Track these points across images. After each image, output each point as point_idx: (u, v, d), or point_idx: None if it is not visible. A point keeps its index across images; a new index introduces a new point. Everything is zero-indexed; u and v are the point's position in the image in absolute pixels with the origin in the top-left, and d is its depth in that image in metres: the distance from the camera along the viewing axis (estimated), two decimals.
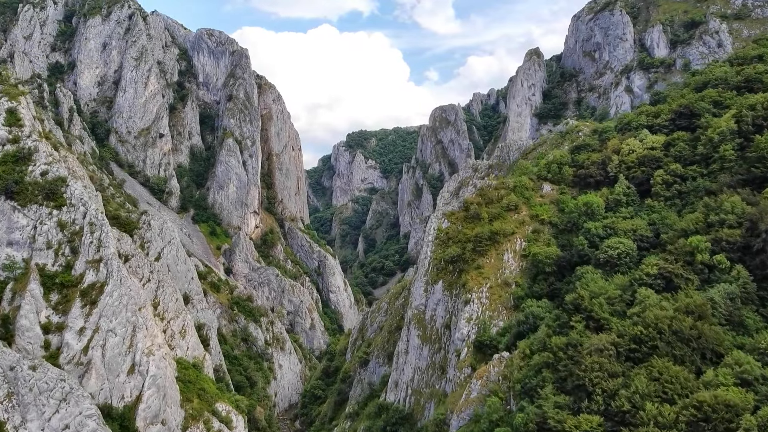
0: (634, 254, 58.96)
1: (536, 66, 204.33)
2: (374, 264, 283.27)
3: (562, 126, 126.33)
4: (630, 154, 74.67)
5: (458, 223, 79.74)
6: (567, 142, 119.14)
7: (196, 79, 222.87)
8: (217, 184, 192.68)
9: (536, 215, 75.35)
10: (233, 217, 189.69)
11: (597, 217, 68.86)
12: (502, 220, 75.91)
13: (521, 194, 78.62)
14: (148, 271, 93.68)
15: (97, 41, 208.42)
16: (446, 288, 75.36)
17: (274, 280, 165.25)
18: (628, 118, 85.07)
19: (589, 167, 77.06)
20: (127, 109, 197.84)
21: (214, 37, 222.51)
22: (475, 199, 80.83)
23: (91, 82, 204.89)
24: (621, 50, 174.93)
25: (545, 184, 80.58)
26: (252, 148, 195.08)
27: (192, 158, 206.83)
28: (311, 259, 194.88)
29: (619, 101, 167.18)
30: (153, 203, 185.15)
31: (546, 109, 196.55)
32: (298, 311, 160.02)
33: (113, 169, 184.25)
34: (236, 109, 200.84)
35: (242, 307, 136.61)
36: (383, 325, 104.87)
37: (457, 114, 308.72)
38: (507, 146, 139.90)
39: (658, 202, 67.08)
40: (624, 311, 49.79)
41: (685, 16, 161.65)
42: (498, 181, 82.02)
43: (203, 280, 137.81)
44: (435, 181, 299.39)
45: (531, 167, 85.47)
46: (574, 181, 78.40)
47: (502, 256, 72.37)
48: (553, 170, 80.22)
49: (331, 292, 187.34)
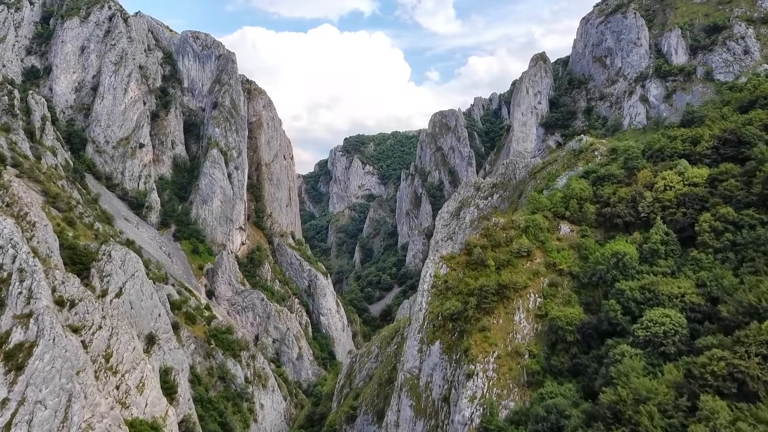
0: (685, 332, 46.14)
1: (542, 72, 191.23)
2: (370, 277, 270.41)
3: (575, 143, 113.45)
4: (666, 191, 61.82)
5: (459, 270, 66.91)
6: (581, 162, 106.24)
7: (181, 85, 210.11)
8: (201, 198, 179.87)
9: (553, 263, 62.48)
10: (217, 234, 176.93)
11: (629, 271, 56.03)
12: (511, 269, 63.03)
13: (534, 236, 65.74)
14: (99, 317, 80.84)
15: (74, 44, 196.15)
16: (445, 351, 62.50)
17: (259, 304, 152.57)
18: (659, 144, 72.10)
19: (617, 205, 64.13)
20: (105, 117, 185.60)
21: (200, 40, 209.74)
22: (479, 240, 67.95)
23: (68, 88, 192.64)
24: (635, 56, 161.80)
25: (563, 223, 67.64)
26: (238, 159, 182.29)
27: (175, 169, 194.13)
28: (301, 279, 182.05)
29: (634, 111, 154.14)
30: (131, 219, 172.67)
31: (553, 119, 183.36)
32: (285, 339, 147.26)
33: (89, 182, 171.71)
34: (222, 117, 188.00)
35: (220, 340, 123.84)
36: (373, 374, 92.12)
37: (458, 119, 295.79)
38: (512, 163, 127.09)
39: (706, 255, 54.25)
40: (684, 426, 36.98)
41: (706, 19, 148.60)
42: (506, 218, 69.06)
43: (177, 311, 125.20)
44: (434, 189, 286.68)
45: (544, 200, 72.48)
46: (599, 220, 65.46)
47: (513, 316, 59.50)
48: (572, 207, 67.28)
49: (322, 315, 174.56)
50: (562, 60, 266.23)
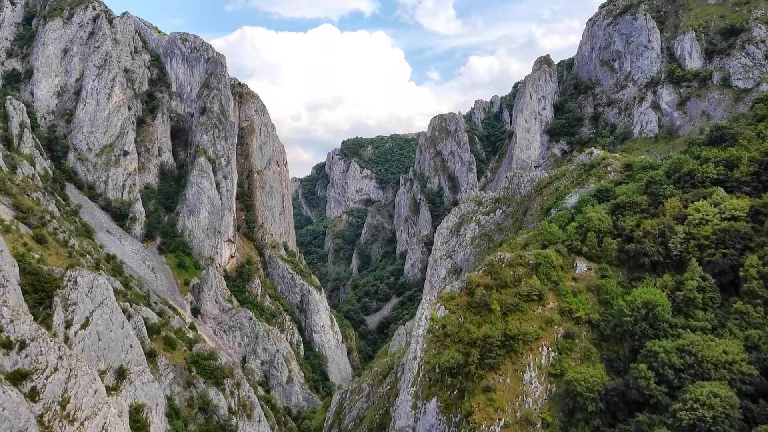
0: (737, 415, 37.34)
1: (547, 76, 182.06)
2: (368, 287, 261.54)
3: (585, 156, 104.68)
4: (701, 226, 53.00)
5: (459, 313, 58.07)
6: (593, 178, 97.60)
7: (169, 89, 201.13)
8: (188, 208, 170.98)
9: (569, 310, 53.69)
10: (205, 247, 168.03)
11: (661, 324, 47.25)
12: (520, 316, 54.23)
13: (546, 276, 56.89)
14: (56, 357, 71.82)
15: (56, 46, 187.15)
16: (442, 410, 53.71)
17: (247, 323, 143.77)
18: (687, 166, 63.10)
19: (642, 240, 55.22)
20: (87, 123, 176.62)
21: (189, 42, 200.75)
22: (483, 279, 59.08)
23: (50, 93, 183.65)
24: (646, 60, 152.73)
25: (579, 260, 58.74)
26: (227, 168, 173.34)
27: (161, 178, 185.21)
28: (293, 293, 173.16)
29: (645, 119, 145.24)
30: (113, 231, 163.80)
31: (558, 125, 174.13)
32: (274, 362, 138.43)
33: (69, 192, 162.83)
34: (210, 123, 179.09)
35: (202, 367, 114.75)
36: (364, 415, 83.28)
37: (458, 123, 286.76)
38: (517, 176, 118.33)
39: (754, 308, 45.58)
40: None
41: (722, 21, 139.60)
42: (513, 253, 60.08)
43: (156, 336, 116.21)
44: (434, 196, 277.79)
45: (557, 230, 63.54)
46: (621, 258, 56.57)
47: (522, 375, 50.68)
48: (590, 241, 58.34)
49: (315, 332, 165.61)
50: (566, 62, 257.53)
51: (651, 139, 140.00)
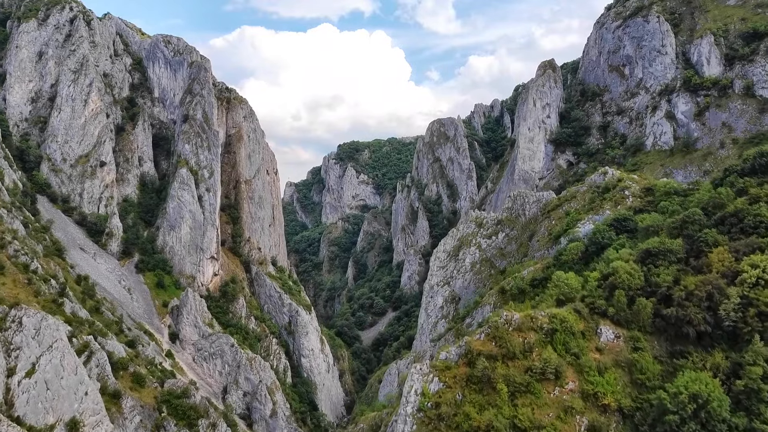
0: None
1: (551, 82, 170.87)
2: (363, 299, 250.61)
3: (599, 177, 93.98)
4: (761, 288, 42.13)
5: (456, 389, 47.20)
6: (608, 203, 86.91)
7: (151, 94, 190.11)
8: (168, 223, 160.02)
9: (593, 393, 42.80)
10: (186, 264, 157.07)
11: (718, 425, 36.44)
12: (532, 400, 43.35)
13: (564, 345, 46.01)
14: None
15: (30, 50, 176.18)
16: None
17: (229, 351, 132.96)
18: (732, 206, 52.18)
19: (684, 303, 44.28)
20: (62, 132, 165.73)
21: (172, 45, 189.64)
22: (485, 346, 48.21)
23: (23, 99, 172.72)
24: (659, 66, 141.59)
25: (604, 324, 47.79)
26: (210, 180, 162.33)
27: (142, 190, 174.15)
28: (281, 314, 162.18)
29: (658, 130, 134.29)
30: (88, 248, 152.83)
31: (564, 135, 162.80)
32: (257, 393, 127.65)
33: (41, 206, 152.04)
34: (192, 132, 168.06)
35: (174, 407, 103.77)
36: None
37: (457, 129, 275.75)
38: (521, 196, 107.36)
39: None
40: None
41: (743, 24, 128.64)
42: (523, 314, 49.09)
43: (123, 372, 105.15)
44: (432, 204, 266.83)
45: (575, 282, 52.62)
46: (657, 324, 45.66)
47: None
48: (618, 301, 47.34)
49: (304, 357, 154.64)
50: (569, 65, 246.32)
51: (666, 152, 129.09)
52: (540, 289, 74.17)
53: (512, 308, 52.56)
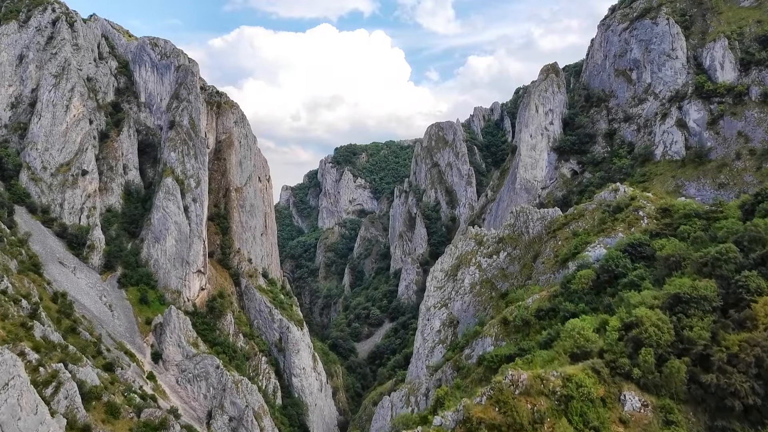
0: None
1: (555, 87, 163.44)
2: (359, 310, 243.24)
3: (609, 194, 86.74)
4: None
5: None
6: (620, 224, 79.34)
7: (137, 99, 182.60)
8: (153, 235, 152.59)
9: None
10: (171, 279, 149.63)
11: None
12: None
13: (580, 415, 38.55)
14: None
15: (10, 53, 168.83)
16: None
17: (214, 373, 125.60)
18: None
19: (726, 369, 36.92)
20: (42, 139, 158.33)
21: (159, 48, 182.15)
22: (487, 413, 40.62)
23: (2, 104, 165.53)
24: (669, 70, 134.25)
25: (628, 389, 40.26)
26: (196, 190, 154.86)
27: (127, 199, 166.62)
28: (271, 330, 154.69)
29: (669, 138, 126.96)
30: (68, 262, 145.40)
31: (568, 142, 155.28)
32: (243, 419, 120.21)
33: (19, 217, 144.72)
34: (179, 139, 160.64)
35: None
36: None
37: (456, 133, 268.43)
38: (524, 213, 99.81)
39: None
40: None
41: (759, 27, 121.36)
42: (532, 373, 41.69)
43: (96, 402, 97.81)
44: (430, 211, 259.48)
45: (592, 334, 45.14)
46: (693, 392, 38.26)
47: None
48: (644, 361, 39.82)
49: (295, 376, 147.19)
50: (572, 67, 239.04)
51: (677, 162, 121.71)
52: (546, 321, 67.00)
53: (519, 365, 45.10)
